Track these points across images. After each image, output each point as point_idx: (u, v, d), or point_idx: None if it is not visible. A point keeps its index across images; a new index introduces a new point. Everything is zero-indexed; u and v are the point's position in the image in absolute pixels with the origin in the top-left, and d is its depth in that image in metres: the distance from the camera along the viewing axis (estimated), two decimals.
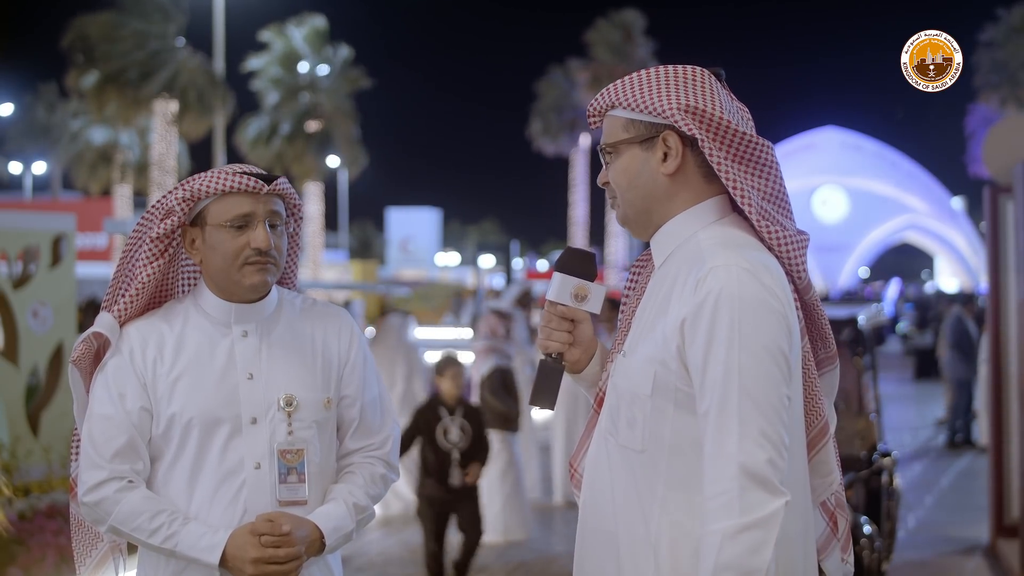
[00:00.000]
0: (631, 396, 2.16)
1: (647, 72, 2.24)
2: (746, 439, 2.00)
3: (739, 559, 1.96)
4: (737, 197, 2.16)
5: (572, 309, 2.34)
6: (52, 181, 47.20)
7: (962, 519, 9.17)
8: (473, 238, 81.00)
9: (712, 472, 2.02)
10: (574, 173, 41.98)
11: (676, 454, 2.11)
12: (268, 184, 2.55)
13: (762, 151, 2.19)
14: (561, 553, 7.97)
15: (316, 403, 2.60)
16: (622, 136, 2.24)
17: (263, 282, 2.56)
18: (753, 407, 2.01)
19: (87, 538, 2.69)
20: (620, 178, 2.25)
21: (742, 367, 2.02)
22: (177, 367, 2.53)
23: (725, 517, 1.98)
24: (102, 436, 2.50)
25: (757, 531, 1.97)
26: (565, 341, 2.35)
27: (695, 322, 2.06)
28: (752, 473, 1.99)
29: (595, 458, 2.28)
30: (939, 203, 59.17)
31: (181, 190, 2.55)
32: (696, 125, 2.15)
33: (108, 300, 2.62)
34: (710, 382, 2.04)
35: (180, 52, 28.88)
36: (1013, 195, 7.63)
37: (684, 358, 2.08)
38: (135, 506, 2.47)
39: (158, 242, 2.56)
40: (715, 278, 2.06)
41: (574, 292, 2.33)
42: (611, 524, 2.20)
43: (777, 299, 2.08)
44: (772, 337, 2.05)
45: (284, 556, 2.44)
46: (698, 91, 2.18)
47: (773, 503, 1.99)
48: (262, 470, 2.52)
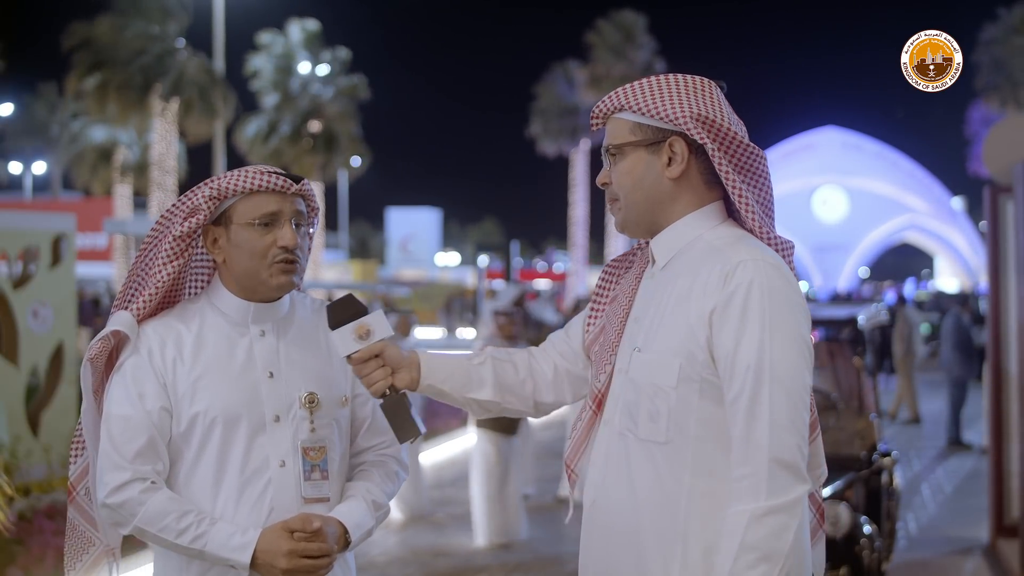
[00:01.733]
0: (653, 389, 2.22)
1: (656, 79, 2.32)
2: (776, 425, 2.10)
3: (763, 541, 2.06)
4: (741, 204, 2.27)
5: (367, 349, 2.41)
6: (52, 181, 47.25)
7: (962, 519, 9.17)
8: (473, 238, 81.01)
9: (741, 454, 2.12)
10: (574, 173, 41.97)
11: (701, 443, 2.19)
12: (296, 184, 2.57)
13: (759, 162, 2.31)
14: (560, 553, 7.96)
15: (335, 401, 2.62)
16: (629, 139, 2.31)
17: (289, 283, 2.57)
18: (783, 394, 2.11)
19: (79, 541, 2.66)
20: (624, 179, 2.33)
21: (773, 355, 2.12)
22: (198, 366, 2.53)
23: (752, 499, 2.08)
24: (122, 437, 2.49)
25: (782, 515, 2.08)
26: (385, 376, 2.42)
27: (725, 311, 2.15)
28: (780, 458, 2.09)
29: (605, 456, 2.32)
30: (939, 203, 59.16)
31: (208, 188, 2.55)
32: (706, 134, 2.25)
33: (122, 298, 2.61)
34: (741, 368, 2.13)
35: (181, 53, 28.89)
36: (1013, 195, 7.63)
37: (711, 347, 2.17)
38: (161, 507, 2.46)
39: (180, 240, 2.56)
40: (744, 270, 2.16)
41: (356, 336, 2.41)
42: (631, 520, 2.24)
43: (799, 293, 2.20)
44: (798, 327, 2.16)
45: (317, 550, 2.45)
46: (707, 101, 2.28)
47: (798, 488, 2.10)
48: (287, 468, 2.53)
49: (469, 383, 2.51)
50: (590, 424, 2.40)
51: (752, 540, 2.06)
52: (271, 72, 34.48)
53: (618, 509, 2.26)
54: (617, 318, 2.40)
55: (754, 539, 2.06)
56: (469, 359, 2.54)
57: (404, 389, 2.45)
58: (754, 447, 2.09)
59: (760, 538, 2.06)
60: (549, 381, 2.55)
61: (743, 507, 2.08)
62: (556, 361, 2.56)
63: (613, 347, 2.37)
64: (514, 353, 2.58)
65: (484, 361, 2.53)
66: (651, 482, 2.21)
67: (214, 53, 29.55)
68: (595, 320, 2.50)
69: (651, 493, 2.21)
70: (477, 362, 2.53)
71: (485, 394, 2.52)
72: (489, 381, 2.52)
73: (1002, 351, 8.06)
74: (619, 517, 2.26)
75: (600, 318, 2.49)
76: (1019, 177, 7.26)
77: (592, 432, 2.40)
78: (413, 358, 2.48)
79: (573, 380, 2.56)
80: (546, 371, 2.56)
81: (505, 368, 2.54)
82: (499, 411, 2.56)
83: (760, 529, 2.06)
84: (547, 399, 2.57)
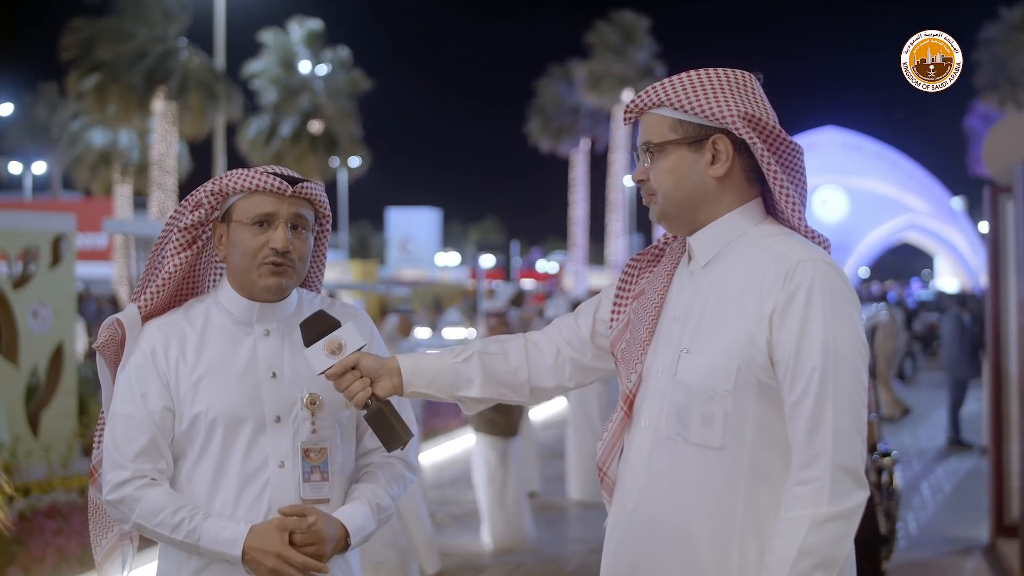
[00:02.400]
0: (707, 393, 2.17)
1: (696, 74, 2.27)
2: (840, 430, 2.06)
3: (823, 547, 2.03)
4: (788, 203, 2.23)
5: (340, 363, 2.42)
6: (52, 181, 47.20)
7: (962, 519, 9.16)
8: (473, 238, 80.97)
9: (803, 458, 2.08)
10: (574, 173, 41.97)
11: (758, 448, 2.15)
12: (292, 186, 2.56)
13: (798, 157, 2.27)
14: (561, 553, 7.96)
15: (338, 402, 2.61)
16: (670, 136, 2.26)
17: (277, 285, 2.57)
18: (847, 398, 2.08)
19: (103, 522, 2.73)
20: (666, 178, 2.28)
21: (837, 357, 2.08)
22: (200, 366, 2.55)
23: (813, 504, 2.05)
24: (125, 436, 2.52)
25: (843, 522, 2.05)
26: (364, 386, 2.41)
27: (786, 312, 2.11)
28: (844, 464, 2.06)
29: (647, 460, 2.25)
30: (939, 203, 59.11)
31: (211, 184, 2.59)
32: (753, 132, 2.21)
33: (138, 291, 2.65)
34: (804, 371, 2.09)
35: (182, 52, 28.88)
36: (1013, 195, 7.62)
37: (771, 349, 2.12)
38: (157, 502, 2.48)
39: (186, 232, 2.60)
40: (804, 271, 2.12)
41: (328, 351, 2.42)
42: (681, 525, 2.18)
43: (855, 293, 2.17)
44: (857, 329, 2.14)
45: (301, 564, 2.44)
46: (750, 97, 2.24)
47: (859, 495, 2.08)
48: (286, 469, 2.54)
49: (456, 382, 2.48)
50: (622, 426, 2.34)
51: (811, 546, 2.03)
52: (272, 72, 34.46)
53: (666, 514, 2.20)
54: (647, 315, 2.34)
55: (813, 545, 2.03)
56: (455, 356, 2.50)
57: (388, 397, 2.43)
58: (818, 452, 2.06)
59: (820, 544, 2.03)
60: (548, 367, 2.51)
61: (803, 512, 2.04)
62: (560, 347, 2.51)
63: (643, 345, 2.31)
64: (508, 341, 2.54)
65: (470, 357, 2.49)
66: (704, 487, 2.16)
67: (215, 53, 29.54)
68: (618, 315, 2.43)
69: (703, 499, 2.16)
70: (462, 359, 2.49)
71: (474, 391, 2.48)
72: (477, 378, 2.48)
73: (1002, 351, 8.06)
74: (667, 522, 2.20)
75: (624, 313, 2.43)
76: (1019, 177, 7.26)
77: (625, 434, 2.34)
78: (392, 364, 2.46)
79: (577, 368, 2.51)
80: (545, 357, 2.51)
81: (495, 361, 2.49)
82: (495, 403, 2.53)
83: (821, 535, 2.03)
84: (546, 384, 2.52)
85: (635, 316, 2.38)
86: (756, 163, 2.25)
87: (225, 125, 30.13)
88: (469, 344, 2.53)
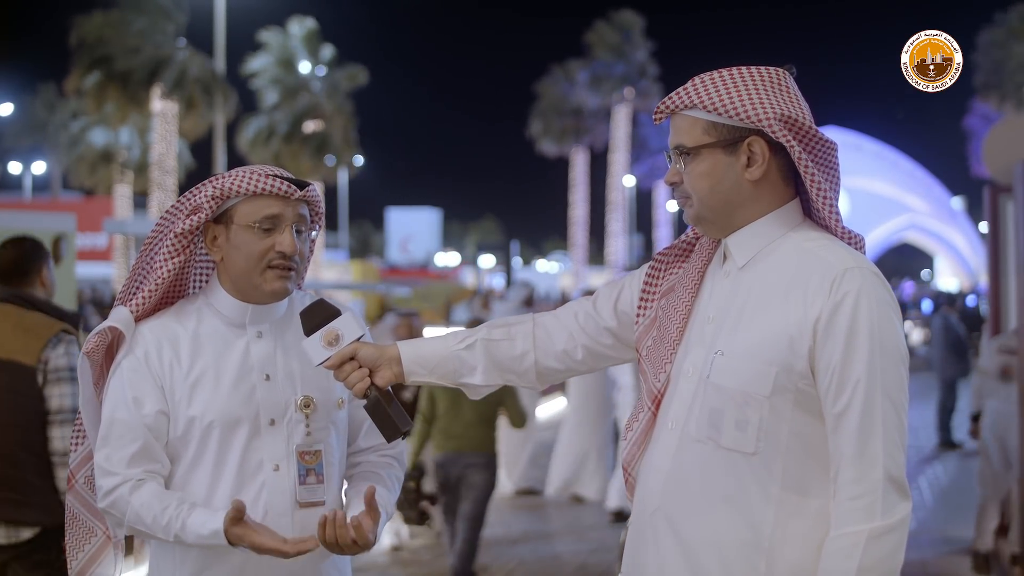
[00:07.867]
0: (743, 397, 2.12)
1: (728, 73, 2.21)
2: (889, 443, 2.05)
3: (881, 562, 2.02)
4: (825, 205, 2.20)
5: (338, 354, 2.39)
6: (52, 181, 47.23)
7: (962, 519, 9.16)
8: (473, 238, 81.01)
9: (853, 473, 2.05)
10: (574, 173, 41.97)
11: (792, 456, 2.11)
12: (300, 189, 2.53)
13: (833, 155, 2.23)
14: (561, 552, 7.97)
15: (331, 404, 2.59)
16: (703, 140, 2.20)
17: (283, 289, 2.54)
18: (893, 410, 2.07)
19: (80, 531, 2.66)
20: (701, 183, 2.22)
21: (884, 369, 2.06)
22: (195, 370, 2.51)
23: (867, 519, 2.03)
24: (117, 442, 2.47)
25: (895, 534, 2.04)
26: (362, 377, 2.38)
27: (832, 321, 2.07)
28: (893, 476, 2.05)
29: (673, 462, 2.21)
30: (939, 203, 59.13)
31: (211, 187, 2.52)
32: (791, 134, 2.16)
33: (124, 294, 2.59)
34: (851, 382, 2.06)
35: (181, 52, 28.89)
36: (1013, 195, 7.62)
37: (813, 358, 2.09)
38: (145, 504, 2.43)
39: (181, 238, 2.53)
40: (851, 279, 2.09)
41: (325, 342, 2.40)
42: (707, 529, 2.14)
43: (897, 302, 2.15)
44: (901, 339, 2.11)
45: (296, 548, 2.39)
46: (786, 97, 2.18)
47: (906, 506, 2.06)
48: (281, 472, 2.50)
49: (459, 370, 2.44)
50: (648, 426, 2.29)
51: (870, 561, 2.01)
52: (271, 71, 34.47)
53: (691, 517, 2.16)
54: (677, 314, 2.28)
55: (872, 560, 2.01)
56: (458, 342, 2.45)
57: (388, 386, 2.40)
58: (868, 465, 2.04)
59: (878, 559, 2.02)
60: (559, 351, 2.45)
61: (858, 527, 2.02)
62: (574, 332, 2.45)
63: (673, 345, 2.26)
64: (515, 324, 2.49)
65: (473, 344, 2.44)
66: (733, 492, 2.12)
67: (215, 52, 29.56)
68: (644, 311, 2.38)
69: (732, 505, 2.12)
70: (465, 345, 2.44)
71: (478, 378, 2.44)
72: (480, 365, 2.44)
73: None
74: (692, 526, 2.16)
75: (651, 309, 2.38)
76: (1019, 177, 7.25)
77: (650, 435, 2.29)
78: (392, 353, 2.41)
79: (590, 354, 2.46)
80: (555, 342, 2.45)
81: (500, 347, 2.44)
82: (499, 387, 2.50)
83: (878, 550, 2.02)
84: (555, 365, 2.46)
85: (663, 314, 2.33)
86: (791, 162, 2.20)
87: (225, 124, 30.15)
88: (474, 329, 2.48)
